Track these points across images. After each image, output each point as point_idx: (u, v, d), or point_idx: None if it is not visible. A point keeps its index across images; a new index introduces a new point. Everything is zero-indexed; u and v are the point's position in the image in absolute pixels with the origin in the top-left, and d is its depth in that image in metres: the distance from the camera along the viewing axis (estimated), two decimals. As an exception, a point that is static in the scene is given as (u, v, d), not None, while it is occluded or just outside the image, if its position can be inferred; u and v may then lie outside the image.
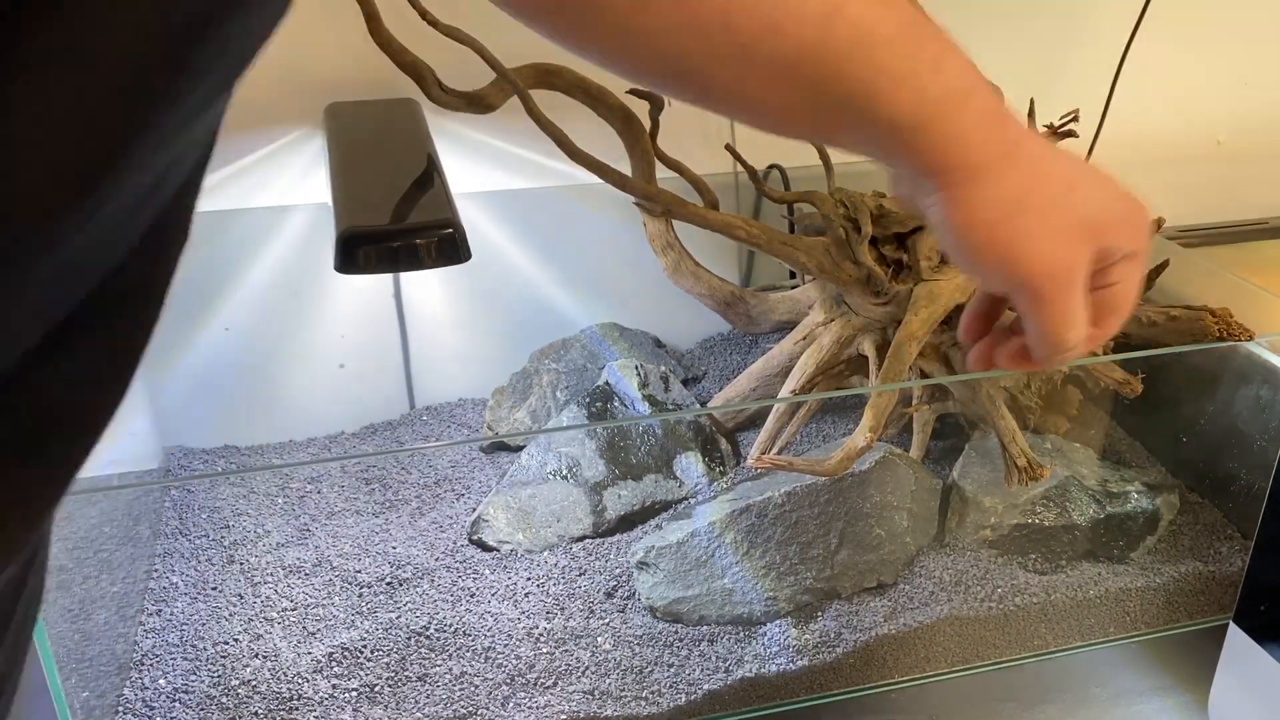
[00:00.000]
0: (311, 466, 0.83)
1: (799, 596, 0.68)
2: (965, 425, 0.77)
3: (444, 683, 0.63)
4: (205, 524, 0.77)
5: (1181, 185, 1.16)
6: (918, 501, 0.70)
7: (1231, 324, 0.65)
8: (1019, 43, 1.04)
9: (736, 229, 0.74)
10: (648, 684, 0.64)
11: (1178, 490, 0.75)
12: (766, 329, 0.85)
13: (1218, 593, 0.71)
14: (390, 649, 0.65)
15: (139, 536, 0.73)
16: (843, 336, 0.75)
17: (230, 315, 0.87)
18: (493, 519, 0.74)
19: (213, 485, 0.81)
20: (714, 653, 0.65)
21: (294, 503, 0.79)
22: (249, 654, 0.65)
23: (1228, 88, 1.15)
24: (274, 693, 0.62)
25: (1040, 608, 0.69)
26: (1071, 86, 1.02)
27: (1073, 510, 0.71)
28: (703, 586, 0.67)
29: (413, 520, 0.77)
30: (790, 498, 0.68)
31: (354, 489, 0.81)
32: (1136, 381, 0.66)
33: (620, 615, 0.68)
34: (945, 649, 0.68)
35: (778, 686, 0.65)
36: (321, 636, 0.66)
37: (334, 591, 0.70)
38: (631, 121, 0.78)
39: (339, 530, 0.76)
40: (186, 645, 0.66)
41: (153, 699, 0.62)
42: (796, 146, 0.83)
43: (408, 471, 0.83)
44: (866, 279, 0.75)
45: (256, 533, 0.76)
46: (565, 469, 0.77)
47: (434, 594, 0.69)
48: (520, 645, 0.65)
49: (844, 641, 0.66)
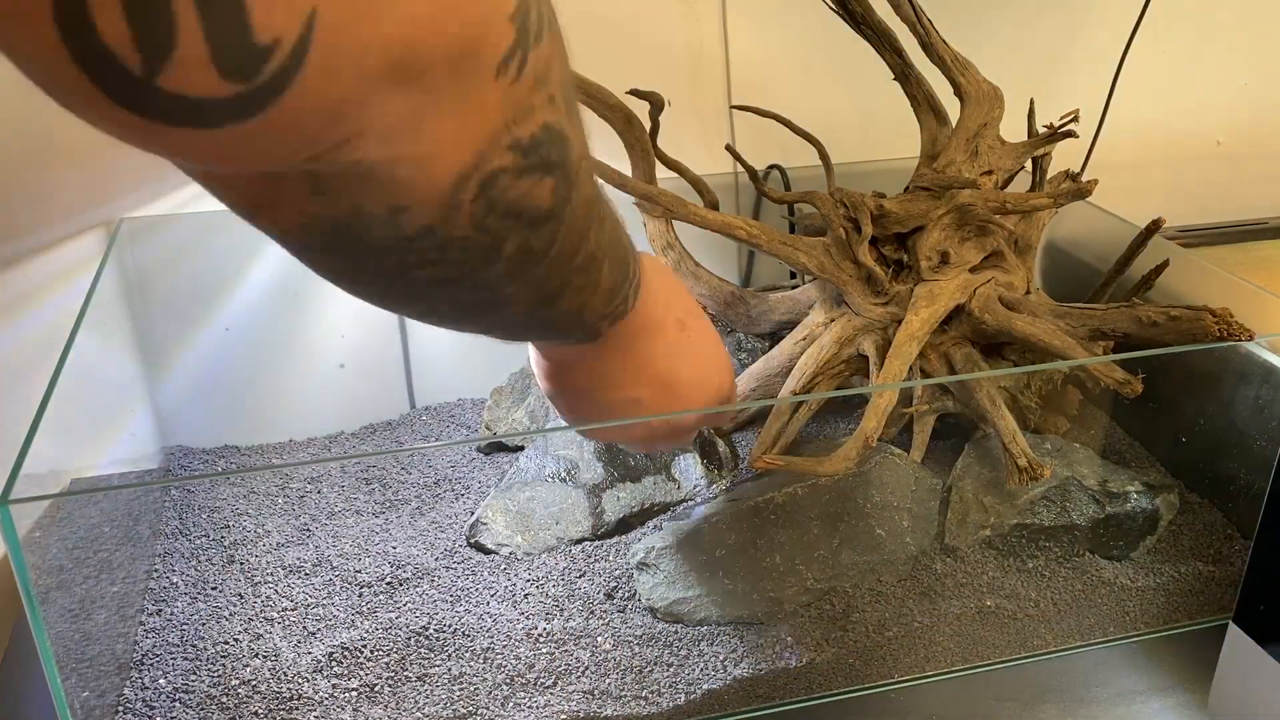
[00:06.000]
0: (311, 466, 0.83)
1: (799, 597, 0.67)
2: (965, 425, 0.77)
3: (444, 682, 0.63)
4: (205, 524, 0.77)
5: (1181, 185, 1.17)
6: (918, 501, 0.70)
7: (1231, 324, 0.65)
8: (1019, 43, 1.05)
9: (736, 229, 0.75)
10: (648, 684, 0.64)
11: (1178, 490, 0.75)
12: (766, 329, 0.85)
13: (1218, 593, 0.71)
14: (390, 649, 0.65)
15: (139, 536, 0.73)
16: (843, 336, 0.75)
17: (230, 315, 0.87)
18: (491, 522, 0.74)
19: (213, 485, 0.81)
20: (714, 653, 0.65)
21: (294, 503, 0.79)
22: (249, 654, 0.65)
23: (1228, 88, 1.15)
24: (274, 692, 0.62)
25: (1040, 608, 0.69)
26: (1071, 86, 1.02)
27: (1073, 510, 0.71)
28: (703, 587, 0.67)
29: (412, 520, 0.77)
30: (791, 498, 0.68)
31: (354, 489, 0.81)
32: (1137, 382, 0.66)
33: (620, 616, 0.68)
34: (945, 649, 0.68)
35: (778, 686, 0.65)
36: (321, 636, 0.66)
37: (334, 591, 0.70)
38: (631, 121, 0.78)
39: (339, 530, 0.76)
40: (186, 645, 0.66)
41: (153, 699, 0.62)
42: (797, 146, 0.83)
43: (407, 471, 0.83)
44: (867, 279, 0.75)
45: (256, 533, 0.76)
46: (564, 471, 0.77)
47: (434, 594, 0.69)
48: (520, 645, 0.65)
49: (844, 641, 0.66)
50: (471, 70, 0.32)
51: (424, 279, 0.39)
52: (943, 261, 0.74)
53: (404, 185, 0.34)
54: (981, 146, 0.78)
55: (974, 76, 0.79)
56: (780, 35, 0.99)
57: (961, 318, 0.74)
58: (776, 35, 0.98)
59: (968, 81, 0.79)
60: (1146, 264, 0.79)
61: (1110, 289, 0.81)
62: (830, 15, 0.79)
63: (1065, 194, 0.75)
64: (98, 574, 0.64)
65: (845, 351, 0.76)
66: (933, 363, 0.75)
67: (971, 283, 0.75)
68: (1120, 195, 0.89)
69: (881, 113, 0.99)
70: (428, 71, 0.31)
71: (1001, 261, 0.77)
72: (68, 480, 0.71)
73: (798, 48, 0.99)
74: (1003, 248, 0.77)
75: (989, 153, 0.78)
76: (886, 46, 0.79)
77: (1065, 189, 0.76)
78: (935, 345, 0.75)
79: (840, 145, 0.83)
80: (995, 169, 0.78)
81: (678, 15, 0.96)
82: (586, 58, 0.79)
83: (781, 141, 0.85)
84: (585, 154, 0.41)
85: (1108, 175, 0.81)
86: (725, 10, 0.96)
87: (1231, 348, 0.70)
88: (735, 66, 0.98)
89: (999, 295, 0.74)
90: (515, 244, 0.39)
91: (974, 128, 0.78)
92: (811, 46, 0.99)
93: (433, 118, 0.32)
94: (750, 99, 0.84)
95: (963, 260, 0.74)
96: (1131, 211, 0.88)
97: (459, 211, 0.36)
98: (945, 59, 0.78)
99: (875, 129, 1.02)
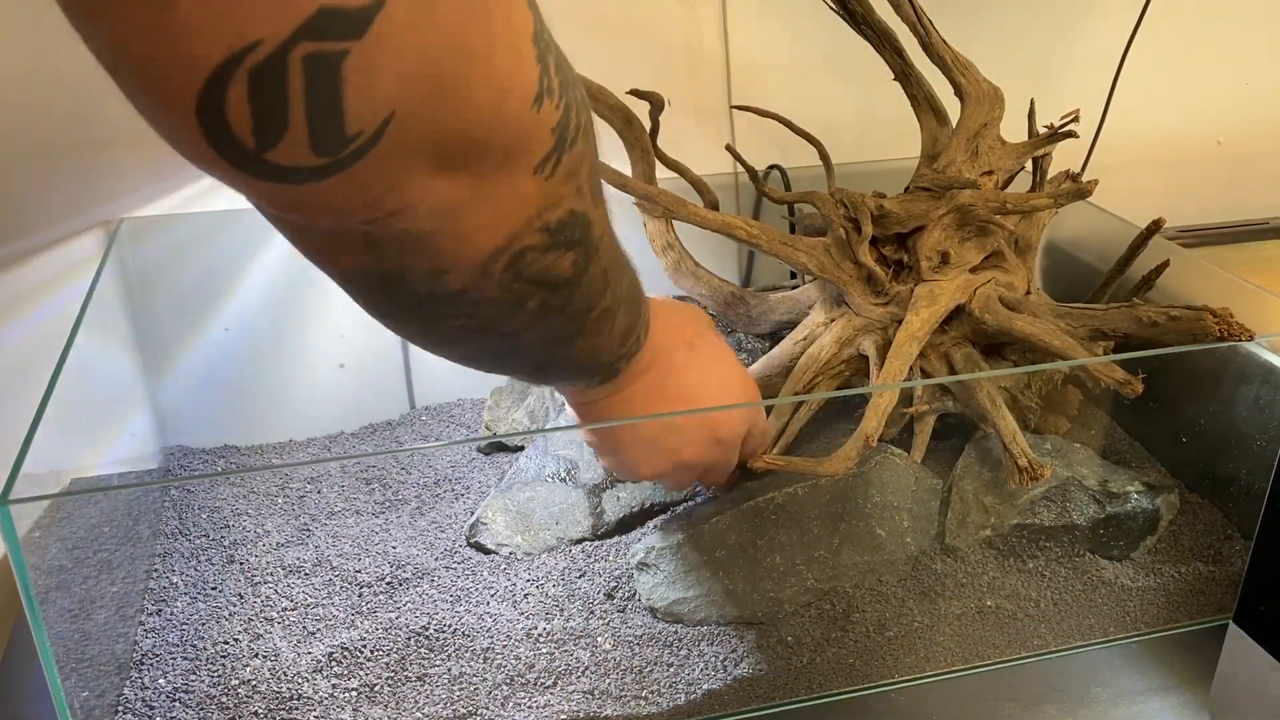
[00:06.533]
0: (311, 466, 0.83)
1: (800, 597, 0.67)
2: (966, 425, 0.77)
3: (444, 682, 0.63)
4: (205, 524, 0.77)
5: (1181, 185, 1.17)
6: (918, 501, 0.70)
7: (1232, 324, 0.65)
8: (1019, 43, 1.05)
9: (736, 229, 0.74)
10: (648, 684, 0.64)
11: (1178, 490, 0.75)
12: (766, 329, 0.85)
13: (1218, 593, 0.71)
14: (390, 649, 0.65)
15: (139, 536, 0.73)
16: (843, 336, 0.75)
17: (230, 315, 0.87)
18: (491, 522, 0.74)
19: (213, 485, 0.81)
20: (714, 653, 0.65)
21: (294, 503, 0.79)
22: (249, 654, 0.65)
23: (1228, 88, 1.15)
24: (274, 692, 0.62)
25: (1040, 608, 0.69)
26: (1071, 86, 1.02)
27: (1073, 510, 0.71)
28: (704, 587, 0.67)
29: (412, 520, 0.77)
30: (791, 498, 0.68)
31: (354, 489, 0.81)
32: (1137, 382, 0.66)
33: (620, 616, 0.68)
34: (945, 649, 0.68)
35: (777, 686, 0.65)
36: (321, 636, 0.66)
37: (334, 591, 0.70)
38: (631, 121, 0.78)
39: (339, 530, 0.76)
40: (186, 645, 0.66)
41: (153, 699, 0.62)
42: (797, 146, 0.83)
43: (407, 471, 0.83)
44: (867, 279, 0.75)
45: (256, 533, 0.76)
46: (564, 471, 0.77)
47: (434, 594, 0.69)
48: (520, 645, 0.65)
49: (844, 641, 0.66)
50: (514, 168, 0.39)
51: (456, 327, 0.45)
52: (943, 261, 0.74)
53: (445, 254, 0.40)
54: (982, 147, 0.78)
55: (974, 76, 0.79)
56: (780, 35, 0.98)
57: (962, 318, 0.74)
58: (776, 35, 0.98)
59: (968, 81, 0.79)
60: (1147, 264, 0.79)
61: (1110, 289, 0.81)
62: (830, 15, 0.79)
63: (1065, 194, 0.75)
64: (98, 574, 0.64)
65: (845, 351, 0.76)
66: (933, 363, 0.75)
67: (972, 283, 0.75)
68: (1120, 195, 0.89)
69: (881, 113, 0.99)
70: (475, 166, 0.37)
71: (1002, 261, 0.77)
72: (68, 480, 0.71)
73: (798, 48, 0.99)
74: (1003, 248, 0.77)
75: (989, 153, 0.78)
76: (887, 46, 0.79)
77: (1065, 189, 0.76)
78: (935, 345, 0.75)
79: (840, 145, 0.83)
80: (995, 169, 0.78)
81: (677, 15, 0.95)
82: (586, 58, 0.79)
83: (781, 141, 0.85)
84: (605, 230, 0.48)
85: (1108, 175, 0.81)
86: (725, 10, 0.96)
87: (1232, 348, 0.70)
88: (735, 66, 0.98)
89: (999, 295, 0.74)
90: (537, 303, 0.45)
91: (974, 128, 0.78)
92: (811, 46, 0.99)
93: (475, 202, 0.38)
94: (750, 99, 0.84)
95: (963, 260, 0.74)
96: (1131, 211, 0.88)
97: (490, 279, 0.42)
98: (945, 59, 0.78)
99: (875, 129, 1.02)
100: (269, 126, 0.30)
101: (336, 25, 0.29)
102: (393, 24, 0.30)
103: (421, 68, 0.32)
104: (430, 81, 0.33)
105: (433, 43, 0.32)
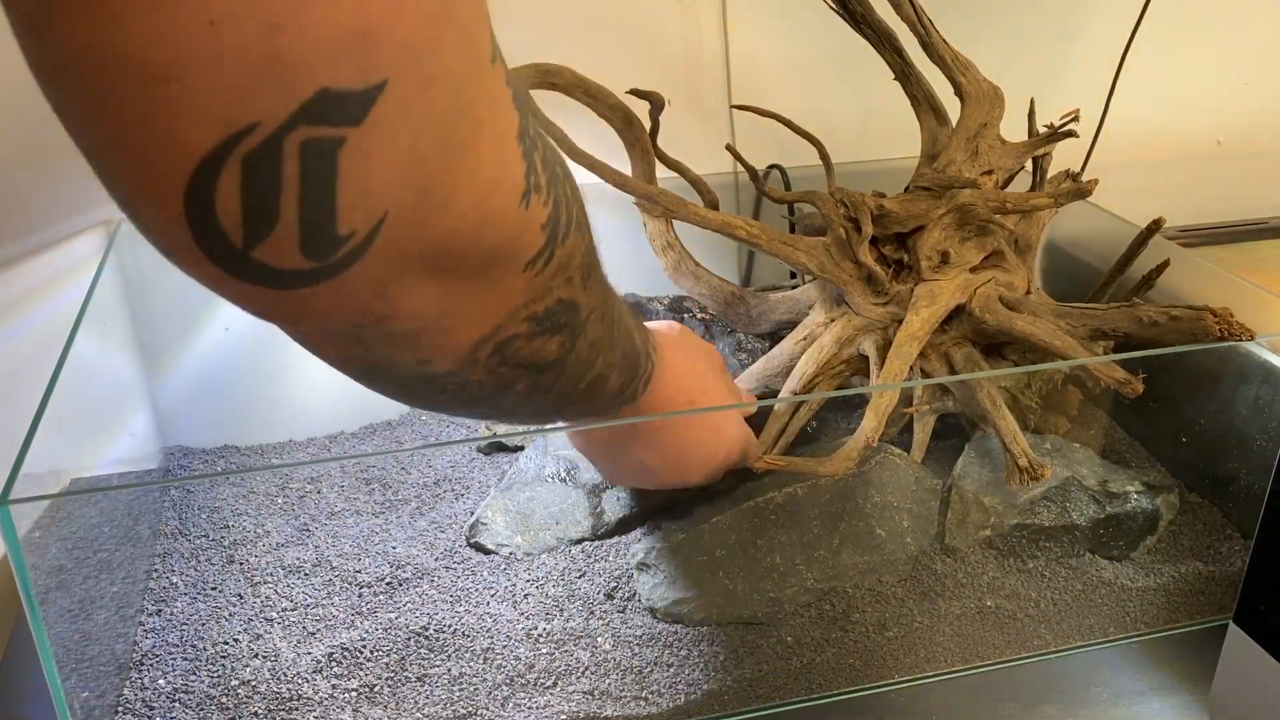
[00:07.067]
0: (311, 466, 0.83)
1: (799, 597, 0.67)
2: (965, 425, 0.77)
3: (443, 683, 0.63)
4: (205, 524, 0.77)
5: (1181, 185, 1.17)
6: (918, 501, 0.70)
7: (1232, 324, 0.65)
8: (1019, 43, 1.05)
9: (736, 229, 0.74)
10: (647, 684, 0.64)
11: (1178, 490, 0.75)
12: (766, 329, 0.85)
13: (1218, 593, 0.71)
14: (390, 649, 0.65)
15: (139, 536, 0.73)
16: (843, 336, 0.75)
17: (230, 315, 0.87)
18: (491, 522, 0.74)
19: (213, 485, 0.81)
20: (714, 653, 0.65)
21: (294, 503, 0.79)
22: (249, 654, 0.65)
23: (1228, 88, 1.15)
24: (274, 693, 0.62)
25: (1040, 608, 0.69)
26: (1071, 86, 1.02)
27: (1073, 510, 0.71)
28: (704, 587, 0.67)
29: (412, 520, 0.77)
30: (791, 498, 0.68)
31: (354, 489, 0.81)
32: (1138, 382, 0.66)
33: (620, 616, 0.68)
34: (945, 649, 0.68)
35: (777, 686, 0.65)
36: (321, 636, 0.66)
37: (334, 592, 0.70)
38: (631, 121, 0.78)
39: (339, 530, 0.76)
40: (186, 645, 0.66)
41: (153, 699, 0.62)
42: (797, 146, 0.83)
43: (407, 472, 0.83)
44: (867, 279, 0.75)
45: (256, 533, 0.76)
46: (564, 471, 0.77)
47: (434, 594, 0.69)
48: (520, 646, 0.65)
49: (844, 641, 0.66)
50: (503, 267, 0.39)
51: (445, 400, 0.46)
52: (943, 261, 0.74)
53: (429, 348, 0.40)
54: (982, 146, 0.78)
55: (974, 76, 0.79)
56: (780, 35, 0.98)
57: (962, 318, 0.74)
58: (776, 35, 0.98)
59: (968, 81, 0.79)
60: (1147, 264, 0.79)
61: (1110, 289, 0.81)
62: (830, 15, 0.79)
63: (1065, 194, 0.75)
64: (97, 574, 0.64)
65: (845, 351, 0.76)
66: (933, 363, 0.75)
67: (972, 282, 0.75)
68: (1120, 195, 0.89)
69: (881, 113, 0.99)
70: (462, 267, 0.36)
71: (1002, 261, 0.77)
72: (68, 480, 0.70)
73: (798, 48, 0.99)
74: (1003, 247, 0.77)
75: (989, 152, 0.78)
76: (887, 46, 0.79)
77: (1065, 189, 0.76)
78: (936, 345, 0.75)
79: (840, 145, 0.83)
80: (995, 169, 0.78)
81: (677, 15, 0.95)
82: (586, 58, 0.80)
83: (781, 141, 0.85)
84: (596, 305, 0.48)
85: (1108, 175, 0.81)
86: (725, 10, 0.96)
87: (1232, 348, 0.70)
88: (735, 66, 0.98)
89: (999, 295, 0.74)
90: (525, 383, 0.46)
91: (974, 127, 0.78)
92: (811, 46, 0.99)
93: (460, 299, 0.38)
94: (750, 99, 0.84)
95: (963, 260, 0.74)
96: (1131, 211, 0.88)
97: (476, 364, 0.42)
98: (945, 59, 0.78)
99: (875, 129, 1.01)
100: (258, 219, 0.29)
101: (337, 109, 0.28)
102: (389, 111, 0.29)
103: (411, 165, 0.31)
104: (419, 179, 0.32)
105: (423, 135, 0.31)
